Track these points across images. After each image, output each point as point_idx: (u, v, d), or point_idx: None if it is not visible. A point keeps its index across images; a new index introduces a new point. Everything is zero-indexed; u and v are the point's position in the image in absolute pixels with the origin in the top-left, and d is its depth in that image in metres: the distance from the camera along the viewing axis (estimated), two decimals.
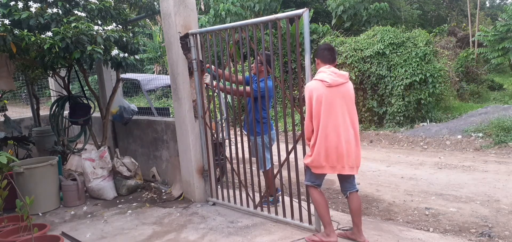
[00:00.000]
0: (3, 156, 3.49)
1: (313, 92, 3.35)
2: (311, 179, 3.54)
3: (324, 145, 3.32)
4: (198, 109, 4.66)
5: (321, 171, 3.44)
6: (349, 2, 14.00)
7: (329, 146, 3.32)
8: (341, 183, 3.58)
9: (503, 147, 7.31)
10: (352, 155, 3.37)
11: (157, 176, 5.84)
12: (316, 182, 3.53)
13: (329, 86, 3.32)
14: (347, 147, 3.34)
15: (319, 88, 3.34)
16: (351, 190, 3.52)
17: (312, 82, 3.42)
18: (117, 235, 4.11)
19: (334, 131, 3.31)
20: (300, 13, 3.46)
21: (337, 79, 3.36)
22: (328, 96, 3.32)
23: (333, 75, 3.37)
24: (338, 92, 3.35)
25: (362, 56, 9.86)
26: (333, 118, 3.32)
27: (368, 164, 6.90)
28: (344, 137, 3.33)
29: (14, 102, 10.73)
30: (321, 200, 3.50)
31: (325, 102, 3.31)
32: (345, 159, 3.35)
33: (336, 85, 3.34)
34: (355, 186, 3.54)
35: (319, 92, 3.33)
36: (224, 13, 13.17)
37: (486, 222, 4.23)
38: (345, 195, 3.57)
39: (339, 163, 3.36)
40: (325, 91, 3.32)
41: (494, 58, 12.90)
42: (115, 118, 6.26)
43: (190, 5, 4.59)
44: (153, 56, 17.84)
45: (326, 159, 3.35)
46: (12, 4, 4.44)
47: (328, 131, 3.31)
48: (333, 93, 3.33)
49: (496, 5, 23.80)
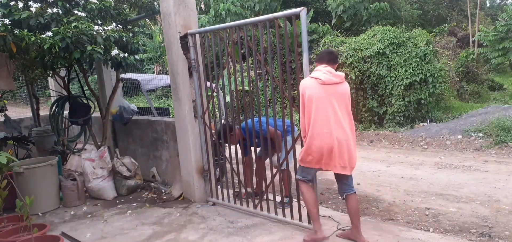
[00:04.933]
0: (3, 156, 3.48)
1: (306, 89, 3.38)
2: (302, 173, 3.56)
3: (315, 141, 3.34)
4: (198, 109, 4.66)
5: (309, 165, 3.46)
6: (349, 2, 14.00)
7: (319, 143, 3.33)
8: (338, 184, 3.57)
9: (503, 147, 7.31)
10: (344, 155, 3.34)
11: (157, 176, 5.84)
12: (306, 177, 3.54)
13: (323, 83, 3.33)
14: (339, 145, 3.32)
15: (311, 86, 3.36)
16: (348, 192, 3.49)
17: (306, 79, 3.45)
18: (117, 235, 4.11)
19: (325, 129, 3.32)
20: (298, 11, 3.46)
21: (332, 78, 3.37)
22: (320, 93, 3.33)
23: (328, 74, 3.37)
24: (332, 91, 3.35)
25: (362, 56, 9.85)
26: (324, 115, 3.32)
27: (368, 164, 6.89)
28: (336, 135, 3.31)
29: (14, 102, 10.72)
30: (309, 195, 3.51)
31: (317, 99, 3.33)
32: (337, 157, 3.34)
33: (330, 84, 3.35)
34: (352, 188, 3.51)
35: (311, 90, 3.34)
36: (224, 13, 13.17)
37: (486, 222, 4.22)
38: (342, 196, 3.55)
39: (331, 161, 3.36)
40: (317, 88, 3.33)
41: (494, 58, 12.90)
42: (115, 118, 6.25)
43: (190, 5, 4.59)
44: (153, 56, 17.84)
45: (315, 154, 3.37)
46: (12, 4, 4.43)
47: (318, 128, 3.33)
48: (326, 91, 3.34)
49: (496, 5, 23.77)
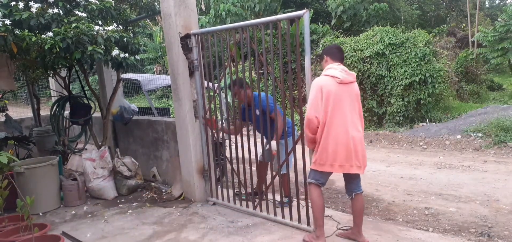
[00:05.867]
0: (3, 156, 3.48)
1: (323, 87, 3.26)
2: (315, 176, 3.41)
3: (333, 142, 3.25)
4: (198, 109, 4.68)
5: (328, 169, 3.34)
6: (349, 2, 14.01)
7: (337, 143, 3.25)
8: (347, 183, 3.52)
9: (503, 147, 7.33)
10: (359, 154, 3.31)
11: (158, 176, 5.85)
12: (320, 181, 3.42)
13: (341, 82, 3.28)
14: (354, 145, 3.28)
15: (329, 84, 3.26)
16: (357, 192, 3.47)
17: (322, 77, 3.34)
18: (117, 235, 4.12)
19: (342, 129, 3.25)
20: (300, 14, 3.46)
21: (347, 77, 3.33)
22: (338, 92, 3.26)
23: (343, 72, 3.32)
24: (347, 90, 3.31)
25: (361, 56, 9.87)
26: (342, 115, 3.26)
27: (367, 164, 6.81)
28: (352, 135, 3.27)
29: (14, 102, 10.73)
30: (319, 201, 3.41)
31: (334, 98, 3.25)
32: (353, 157, 3.29)
33: (346, 83, 3.31)
34: (360, 187, 3.50)
35: (328, 87, 3.25)
36: (224, 13, 13.18)
37: (485, 222, 4.24)
38: (350, 196, 3.51)
39: (348, 162, 3.29)
40: (335, 87, 3.26)
41: (494, 58, 12.92)
42: (116, 118, 6.27)
43: (190, 6, 4.60)
44: (153, 56, 17.85)
45: (335, 156, 3.27)
46: (13, 4, 4.45)
47: (336, 128, 3.24)
48: (343, 90, 3.29)
49: (495, 5, 23.80)
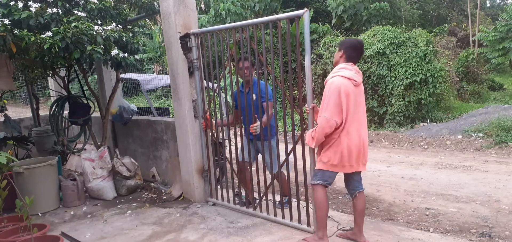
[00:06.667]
0: (2, 156, 3.47)
1: (342, 87, 3.21)
2: (323, 177, 3.39)
3: (347, 144, 3.26)
4: (198, 109, 4.66)
5: (340, 170, 3.35)
6: (349, 1, 14.00)
7: (351, 145, 3.26)
8: (349, 182, 3.51)
9: (504, 147, 7.31)
10: (366, 153, 3.38)
11: (157, 176, 5.84)
12: (327, 181, 3.41)
13: (357, 85, 3.29)
14: (363, 146, 3.33)
15: (348, 85, 3.24)
16: (359, 189, 3.48)
17: (338, 78, 3.27)
18: (116, 235, 4.10)
19: (357, 130, 3.28)
20: (301, 13, 3.45)
21: (360, 79, 3.35)
22: (355, 95, 3.27)
23: (358, 75, 3.33)
24: (360, 91, 3.34)
25: (362, 56, 9.84)
26: (357, 118, 3.29)
27: (368, 164, 6.73)
28: (362, 136, 3.32)
29: (13, 102, 10.72)
30: (325, 202, 3.41)
31: (353, 102, 3.25)
32: (362, 157, 3.34)
33: (359, 85, 3.33)
34: (362, 185, 3.51)
35: (347, 90, 3.23)
36: (224, 12, 13.16)
37: (486, 222, 4.22)
38: (353, 194, 3.50)
39: (357, 161, 3.33)
40: (352, 89, 3.25)
41: (495, 58, 12.90)
42: (115, 118, 6.25)
43: (190, 5, 4.58)
44: (153, 56, 17.84)
45: (348, 158, 3.29)
46: (12, 4, 4.43)
47: (352, 129, 3.26)
48: (357, 93, 3.30)
49: (496, 5, 23.80)
